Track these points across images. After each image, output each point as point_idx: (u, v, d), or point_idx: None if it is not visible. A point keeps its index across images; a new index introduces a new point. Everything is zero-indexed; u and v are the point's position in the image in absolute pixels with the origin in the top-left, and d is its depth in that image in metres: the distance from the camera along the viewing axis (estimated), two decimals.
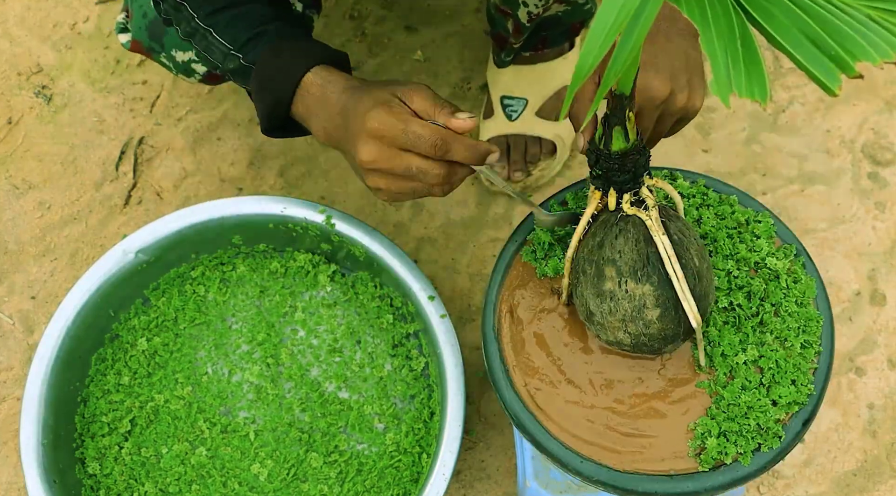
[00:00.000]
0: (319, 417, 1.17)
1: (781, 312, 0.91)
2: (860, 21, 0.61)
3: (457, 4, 1.53)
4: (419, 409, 1.17)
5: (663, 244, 0.81)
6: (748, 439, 0.86)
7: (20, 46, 1.52)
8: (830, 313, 0.93)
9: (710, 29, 0.60)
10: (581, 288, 0.87)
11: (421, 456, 1.14)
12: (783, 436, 0.86)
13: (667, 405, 0.89)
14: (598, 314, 0.86)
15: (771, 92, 0.62)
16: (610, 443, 0.88)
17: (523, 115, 1.36)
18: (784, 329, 0.90)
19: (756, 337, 0.90)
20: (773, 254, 0.94)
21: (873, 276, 1.35)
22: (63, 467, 1.13)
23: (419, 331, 1.19)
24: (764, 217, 0.96)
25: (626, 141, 0.79)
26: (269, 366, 1.19)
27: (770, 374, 0.88)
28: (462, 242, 1.38)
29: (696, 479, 0.86)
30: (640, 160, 0.81)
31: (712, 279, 0.87)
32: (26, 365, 1.31)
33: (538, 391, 0.91)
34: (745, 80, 0.60)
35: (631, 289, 0.83)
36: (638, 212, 0.82)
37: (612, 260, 0.83)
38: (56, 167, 1.44)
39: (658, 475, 0.86)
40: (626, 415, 0.89)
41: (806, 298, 0.92)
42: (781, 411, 0.87)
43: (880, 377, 1.29)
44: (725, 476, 0.85)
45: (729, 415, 0.87)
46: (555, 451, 0.89)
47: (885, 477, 1.24)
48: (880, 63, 0.60)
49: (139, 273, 1.20)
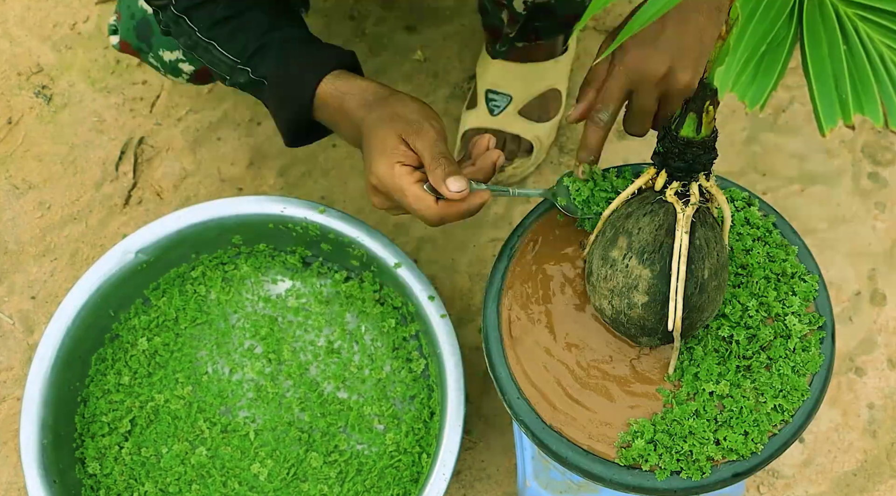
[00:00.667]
0: (319, 417, 1.17)
1: (773, 369, 0.89)
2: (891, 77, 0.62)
3: (457, 4, 1.53)
4: (419, 409, 1.17)
5: (681, 241, 0.81)
6: (673, 459, 0.86)
7: (20, 46, 1.52)
8: (821, 392, 0.89)
9: (821, 47, 0.61)
10: (594, 246, 0.88)
11: (421, 456, 1.14)
12: (707, 474, 0.86)
13: (620, 392, 0.90)
14: (595, 275, 0.86)
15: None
16: (551, 396, 0.90)
17: (506, 111, 1.36)
18: (766, 385, 0.88)
19: (735, 377, 0.89)
20: (797, 316, 0.91)
21: (873, 276, 1.35)
22: (63, 467, 1.13)
23: (419, 332, 1.19)
24: (812, 279, 0.93)
25: (695, 131, 0.78)
26: (269, 361, 1.19)
27: (728, 416, 0.87)
28: (462, 242, 1.38)
29: (608, 467, 0.87)
30: (701, 156, 0.80)
31: (717, 300, 0.86)
32: (26, 365, 1.31)
33: (518, 320, 0.93)
34: (856, 100, 0.61)
35: (631, 266, 0.83)
36: (676, 202, 0.81)
37: (629, 233, 0.83)
38: (56, 167, 1.44)
39: (576, 446, 0.88)
40: (579, 380, 0.90)
41: (805, 370, 0.89)
42: (719, 453, 0.86)
43: (880, 377, 1.29)
44: (634, 479, 0.86)
45: (669, 430, 0.87)
46: (501, 377, 0.91)
47: (885, 477, 1.24)
48: (881, 125, 0.61)
49: (139, 273, 1.20)
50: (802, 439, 1.26)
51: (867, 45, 0.63)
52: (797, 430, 0.88)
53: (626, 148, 1.39)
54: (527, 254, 0.97)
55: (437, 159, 0.89)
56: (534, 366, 0.91)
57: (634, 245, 0.83)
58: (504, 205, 1.40)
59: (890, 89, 0.62)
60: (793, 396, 0.88)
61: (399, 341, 1.20)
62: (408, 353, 1.20)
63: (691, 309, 0.83)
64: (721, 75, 0.60)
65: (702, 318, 0.86)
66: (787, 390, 0.88)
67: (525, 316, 0.94)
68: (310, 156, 1.44)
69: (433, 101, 1.46)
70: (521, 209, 1.39)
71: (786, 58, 0.62)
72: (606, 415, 0.89)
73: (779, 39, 0.62)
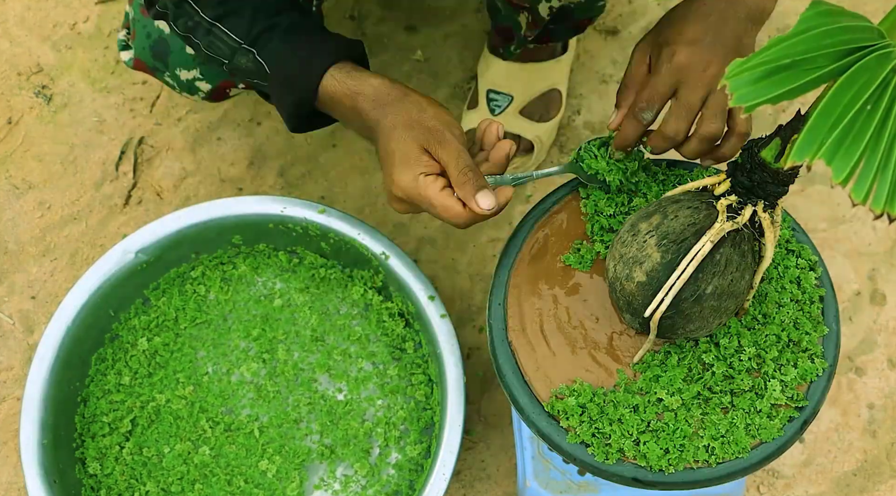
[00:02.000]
0: (320, 417, 1.17)
1: (729, 416, 0.88)
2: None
3: (457, 4, 1.53)
4: (419, 409, 1.17)
5: (702, 247, 0.80)
6: (589, 433, 0.88)
7: (20, 46, 1.52)
8: (760, 462, 0.88)
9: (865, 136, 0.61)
10: (634, 213, 0.88)
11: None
12: (610, 462, 0.87)
13: (586, 353, 0.92)
14: (618, 236, 0.87)
15: None
16: (528, 326, 0.93)
17: (507, 111, 1.36)
18: (712, 424, 0.87)
19: (690, 400, 0.88)
20: (784, 385, 0.89)
21: (873, 276, 1.35)
22: (63, 467, 1.13)
23: (419, 332, 1.19)
24: (820, 364, 0.90)
25: (774, 157, 0.75)
26: (264, 362, 1.19)
27: (660, 427, 0.88)
28: (462, 242, 1.38)
29: (533, 405, 0.90)
30: (768, 184, 0.78)
31: (709, 321, 0.85)
32: (26, 365, 1.31)
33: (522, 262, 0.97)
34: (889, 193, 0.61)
35: (648, 244, 0.83)
36: (721, 212, 0.80)
37: (666, 214, 0.83)
38: (56, 167, 1.44)
39: (520, 373, 0.92)
40: (560, 322, 0.93)
41: (757, 434, 0.88)
42: (632, 452, 0.87)
43: (880, 377, 1.29)
44: (548, 427, 0.89)
45: (603, 408, 0.88)
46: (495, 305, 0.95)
47: (885, 477, 1.24)
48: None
49: (139, 273, 1.20)
50: (802, 439, 1.26)
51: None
52: (711, 479, 0.87)
53: None
54: (538, 234, 0.98)
55: (465, 173, 0.88)
56: (525, 302, 0.94)
57: (662, 227, 0.83)
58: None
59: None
60: (729, 449, 0.87)
61: (399, 339, 1.20)
62: (407, 351, 1.20)
63: (678, 313, 0.83)
64: (858, 192, 0.61)
65: (686, 329, 0.85)
66: (729, 441, 0.87)
67: (527, 260, 0.96)
68: (310, 156, 1.44)
69: None
70: (520, 209, 1.39)
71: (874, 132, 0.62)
72: (561, 364, 0.91)
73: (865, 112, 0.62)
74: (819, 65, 0.62)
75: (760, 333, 0.90)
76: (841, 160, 0.61)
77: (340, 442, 1.16)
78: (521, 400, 0.90)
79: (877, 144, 0.62)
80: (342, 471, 1.15)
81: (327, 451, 1.15)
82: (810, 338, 0.91)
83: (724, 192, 0.80)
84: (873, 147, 0.62)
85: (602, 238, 0.96)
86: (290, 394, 1.18)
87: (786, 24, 1.50)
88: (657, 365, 0.90)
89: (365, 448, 1.16)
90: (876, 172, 0.62)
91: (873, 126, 0.62)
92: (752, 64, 0.62)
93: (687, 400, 0.88)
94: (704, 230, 0.81)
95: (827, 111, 0.62)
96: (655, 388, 0.89)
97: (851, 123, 0.62)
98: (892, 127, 0.62)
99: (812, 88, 0.63)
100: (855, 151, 0.62)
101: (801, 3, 1.51)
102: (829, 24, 0.63)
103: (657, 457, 0.87)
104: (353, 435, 1.16)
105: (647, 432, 0.88)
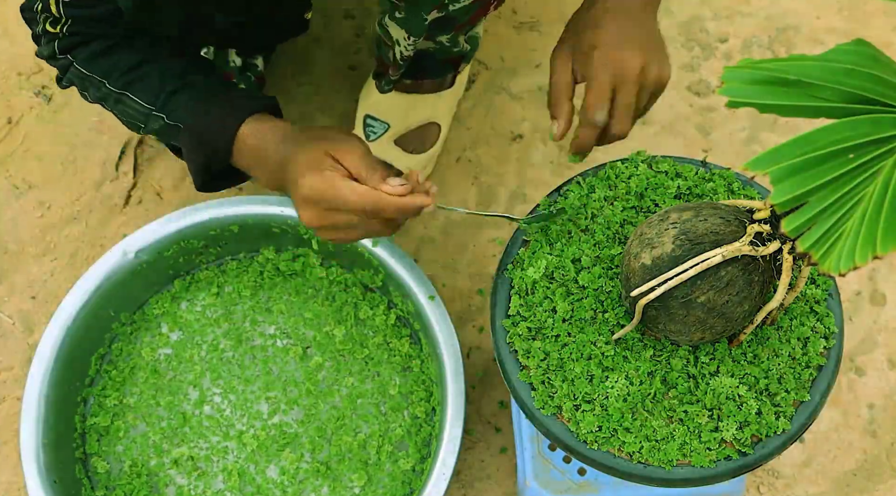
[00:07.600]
0: (321, 417, 1.17)
1: (668, 428, 0.88)
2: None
3: None
4: (419, 409, 1.17)
5: (712, 255, 0.80)
6: (539, 375, 0.90)
7: (20, 46, 1.52)
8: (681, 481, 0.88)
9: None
10: (680, 207, 0.88)
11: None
12: (545, 412, 0.90)
13: (584, 323, 0.92)
14: (650, 218, 0.88)
15: None
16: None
17: (381, 138, 1.34)
18: (646, 433, 0.88)
19: (642, 393, 0.89)
20: (739, 430, 0.88)
21: (873, 276, 1.35)
22: (63, 467, 1.13)
23: (419, 332, 1.19)
24: (784, 424, 0.88)
25: (795, 229, 0.74)
26: (265, 363, 1.19)
27: (602, 408, 0.88)
28: (462, 242, 1.38)
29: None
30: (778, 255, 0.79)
31: (691, 331, 0.85)
32: (26, 365, 1.31)
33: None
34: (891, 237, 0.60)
35: (667, 233, 0.83)
36: (748, 236, 0.79)
37: (698, 214, 0.83)
38: (56, 167, 1.44)
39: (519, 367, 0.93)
40: (564, 286, 0.94)
41: (679, 458, 0.88)
42: (561, 410, 0.89)
43: (880, 377, 1.29)
44: (521, 389, 0.91)
45: (561, 363, 0.90)
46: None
47: (885, 477, 1.24)
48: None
49: (139, 273, 1.20)
50: (803, 439, 1.26)
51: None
52: (627, 473, 0.88)
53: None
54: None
55: (373, 167, 0.88)
56: None
57: (688, 224, 0.83)
58: (504, 205, 1.40)
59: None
60: (656, 455, 0.88)
61: (399, 339, 1.20)
62: (407, 351, 1.20)
63: (664, 308, 0.83)
64: (863, 247, 0.60)
65: (667, 327, 0.86)
66: (660, 448, 0.88)
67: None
68: None
69: None
70: (521, 209, 1.39)
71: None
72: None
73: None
74: (825, 97, 0.60)
75: (742, 369, 0.89)
76: (787, 187, 0.60)
77: (335, 458, 1.16)
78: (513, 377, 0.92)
79: (835, 191, 0.60)
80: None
81: (323, 468, 1.15)
82: (787, 397, 0.89)
83: (761, 219, 0.80)
84: (832, 191, 0.60)
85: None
86: (290, 410, 1.18)
87: (785, 24, 1.50)
88: (634, 343, 0.90)
89: (362, 459, 1.15)
90: (820, 215, 0.60)
91: (842, 171, 0.60)
92: (757, 65, 0.61)
93: (642, 391, 0.89)
94: (723, 243, 0.80)
95: (806, 139, 0.60)
96: (614, 364, 0.89)
97: (822, 160, 0.59)
98: (859, 184, 0.60)
99: (805, 115, 0.61)
100: (807, 185, 0.60)
101: (801, 3, 1.51)
102: (859, 66, 0.60)
103: (587, 430, 0.88)
104: (348, 449, 1.16)
105: (590, 402, 0.89)
